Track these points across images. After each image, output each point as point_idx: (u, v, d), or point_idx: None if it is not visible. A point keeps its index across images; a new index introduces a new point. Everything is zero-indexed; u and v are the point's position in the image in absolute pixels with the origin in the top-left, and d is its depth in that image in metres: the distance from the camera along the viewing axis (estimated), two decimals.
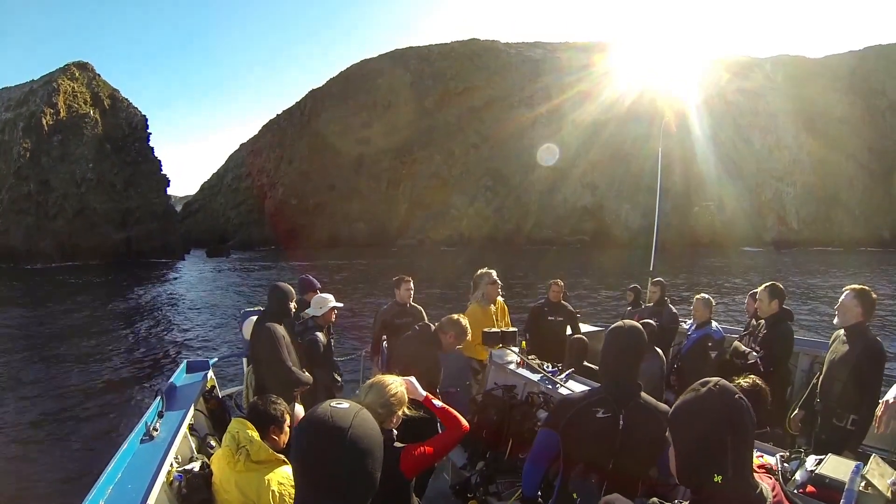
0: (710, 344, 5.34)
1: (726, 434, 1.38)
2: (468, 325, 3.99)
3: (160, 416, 3.50)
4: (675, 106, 67.91)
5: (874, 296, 3.58)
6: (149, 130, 62.39)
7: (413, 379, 2.45)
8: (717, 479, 1.37)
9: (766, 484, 1.47)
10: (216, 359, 5.18)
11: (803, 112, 74.62)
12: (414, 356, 3.86)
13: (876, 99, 76.60)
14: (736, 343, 4.92)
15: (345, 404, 1.26)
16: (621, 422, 2.29)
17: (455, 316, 4.01)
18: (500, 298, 5.83)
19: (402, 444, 2.19)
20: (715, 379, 1.46)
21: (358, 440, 1.19)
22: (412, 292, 5.67)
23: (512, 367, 4.39)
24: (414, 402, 2.41)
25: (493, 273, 5.75)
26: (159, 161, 62.42)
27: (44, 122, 52.30)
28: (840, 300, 3.64)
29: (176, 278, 36.34)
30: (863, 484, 2.24)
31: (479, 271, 5.81)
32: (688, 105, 70.19)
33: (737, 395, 1.41)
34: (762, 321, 4.63)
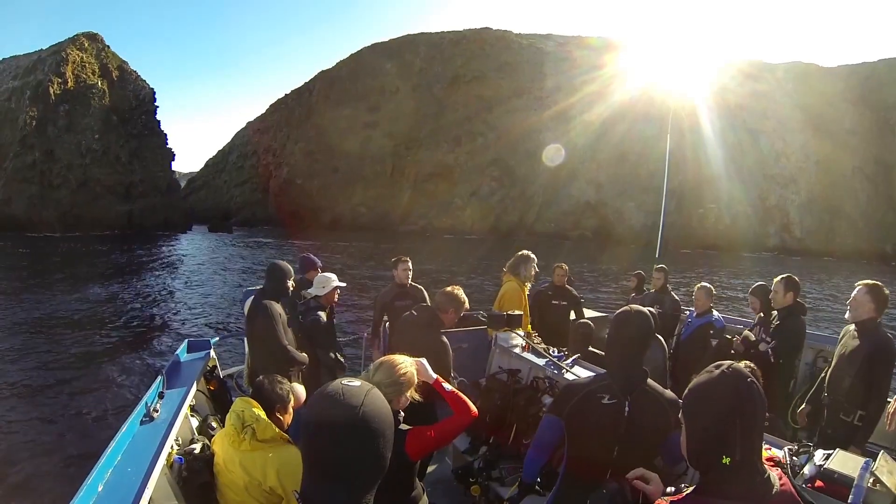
0: (711, 332, 5.33)
1: (736, 416, 1.40)
2: (464, 295, 3.79)
3: (161, 396, 3.44)
4: (684, 106, 67.79)
5: (887, 292, 3.56)
6: (156, 104, 62.22)
7: (424, 360, 2.41)
8: (726, 460, 1.39)
9: (773, 472, 1.48)
10: (217, 338, 5.13)
11: (812, 120, 74.24)
12: (414, 342, 3.58)
13: (886, 112, 76.05)
14: (746, 332, 4.91)
15: (356, 382, 1.25)
16: (626, 408, 2.27)
17: (448, 289, 3.81)
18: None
19: (409, 426, 2.17)
20: (728, 362, 1.49)
21: (369, 419, 1.17)
22: (410, 273, 5.53)
23: (517, 350, 4.35)
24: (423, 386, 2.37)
25: (531, 253, 5.70)
26: (165, 135, 62.45)
27: (51, 91, 52.09)
28: (853, 295, 3.62)
29: (178, 252, 36.23)
30: (871, 480, 2.23)
31: (522, 251, 5.70)
32: (697, 105, 69.93)
33: (749, 379, 1.43)
34: (775, 312, 4.62)
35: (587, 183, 71.07)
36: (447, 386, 2.41)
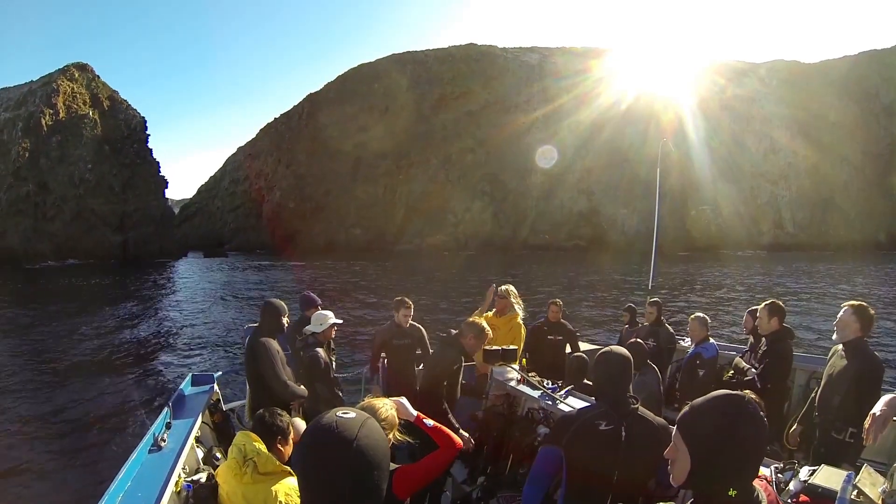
0: (698, 362, 5.42)
1: (749, 446, 1.38)
2: (485, 325, 4.08)
3: (168, 426, 3.57)
4: (670, 111, 68.28)
5: (872, 312, 3.66)
6: (147, 132, 62.34)
7: (403, 399, 2.44)
8: (732, 493, 1.37)
9: (759, 487, 1.50)
10: (220, 372, 5.23)
11: (798, 116, 75.05)
12: (437, 360, 4.15)
13: (870, 103, 77.09)
14: (737, 359, 5.01)
15: (351, 413, 1.24)
16: (623, 433, 2.36)
17: (472, 319, 4.12)
18: (518, 321, 5.83)
19: (395, 466, 2.15)
20: (736, 392, 1.47)
21: (364, 451, 1.16)
22: (409, 318, 5.62)
23: (513, 383, 4.47)
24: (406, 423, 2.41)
25: (504, 287, 5.85)
26: (158, 163, 62.47)
27: (43, 122, 52.23)
28: (838, 316, 3.71)
29: (176, 281, 36.13)
30: (854, 493, 2.29)
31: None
32: (684, 110, 70.59)
33: (762, 413, 1.42)
34: (762, 338, 4.71)
35: (579, 192, 71.33)
36: (428, 422, 2.42)
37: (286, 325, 4.54)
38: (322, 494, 1.16)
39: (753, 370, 4.57)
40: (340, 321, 4.98)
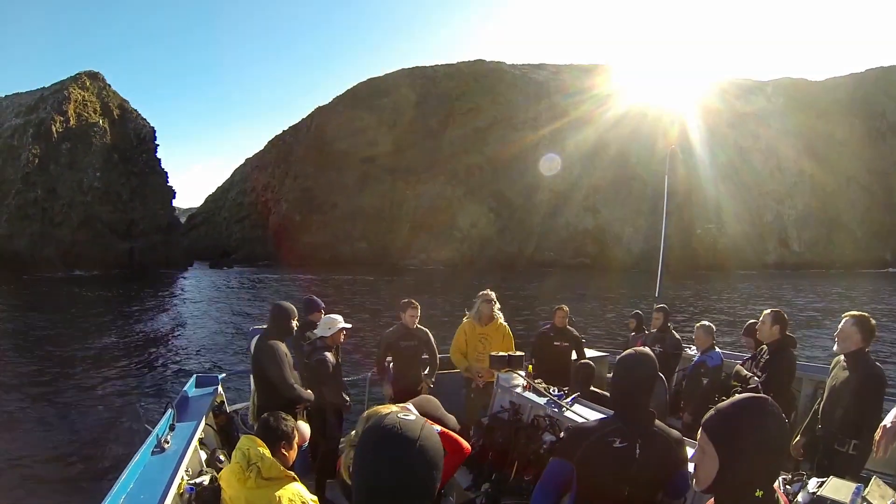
0: (702, 370, 5.44)
1: (776, 445, 1.41)
2: None
3: (171, 428, 3.55)
4: (677, 128, 68.37)
5: (873, 322, 3.63)
6: (156, 142, 62.93)
7: (410, 405, 2.40)
8: (759, 493, 1.39)
9: (779, 494, 1.51)
10: (224, 374, 5.22)
11: (804, 134, 74.99)
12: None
13: (876, 121, 77.04)
14: (738, 367, 4.97)
15: (411, 416, 1.28)
16: (637, 450, 2.31)
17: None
18: (503, 323, 5.81)
19: None
20: (762, 396, 1.51)
21: (426, 451, 1.20)
22: (417, 318, 5.63)
23: (518, 390, 4.45)
24: None
25: (490, 293, 5.80)
26: (166, 173, 63.06)
27: (53, 129, 52.70)
28: (840, 327, 3.68)
29: (182, 291, 36.42)
30: None
31: (481, 292, 5.87)
32: (690, 127, 70.69)
33: (783, 415, 1.46)
34: (764, 347, 4.66)
35: (585, 210, 71.24)
36: (435, 427, 2.42)
37: (295, 328, 4.53)
38: (382, 493, 1.18)
39: (756, 378, 4.54)
40: (349, 325, 4.99)
